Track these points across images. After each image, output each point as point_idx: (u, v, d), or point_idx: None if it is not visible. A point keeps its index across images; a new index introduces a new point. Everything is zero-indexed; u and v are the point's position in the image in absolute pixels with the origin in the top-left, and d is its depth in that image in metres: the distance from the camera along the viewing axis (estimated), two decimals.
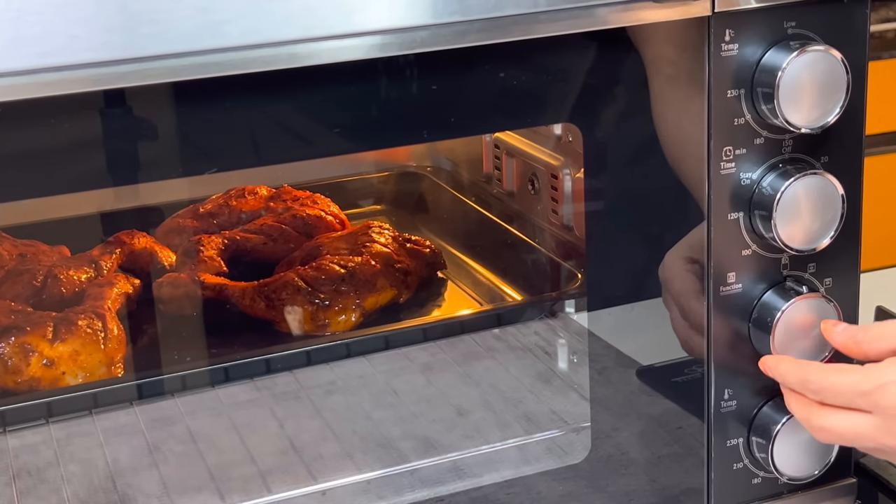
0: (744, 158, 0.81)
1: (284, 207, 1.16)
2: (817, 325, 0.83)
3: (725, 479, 0.88)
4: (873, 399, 0.75)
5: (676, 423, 0.89)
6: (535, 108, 0.82)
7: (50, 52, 0.63)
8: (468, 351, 1.04)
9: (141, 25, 0.65)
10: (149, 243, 1.11)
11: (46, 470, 0.90)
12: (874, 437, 0.75)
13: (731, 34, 0.79)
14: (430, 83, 0.77)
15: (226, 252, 1.11)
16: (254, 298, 1.04)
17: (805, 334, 0.83)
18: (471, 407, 0.98)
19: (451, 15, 0.71)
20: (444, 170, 1.28)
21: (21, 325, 0.96)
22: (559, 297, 1.06)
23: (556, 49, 0.78)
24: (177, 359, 1.01)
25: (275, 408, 0.98)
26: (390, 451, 0.92)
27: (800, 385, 0.79)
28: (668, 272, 0.85)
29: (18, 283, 1.04)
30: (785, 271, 0.85)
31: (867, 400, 0.75)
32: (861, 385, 0.76)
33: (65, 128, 0.71)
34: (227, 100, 0.73)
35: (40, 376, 0.95)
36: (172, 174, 0.76)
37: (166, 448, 0.93)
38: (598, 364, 0.88)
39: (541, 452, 0.92)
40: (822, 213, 0.82)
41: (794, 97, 0.78)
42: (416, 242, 1.13)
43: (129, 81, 0.66)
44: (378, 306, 1.06)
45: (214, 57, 0.67)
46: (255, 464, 0.92)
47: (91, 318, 0.97)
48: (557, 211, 1.09)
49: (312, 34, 0.68)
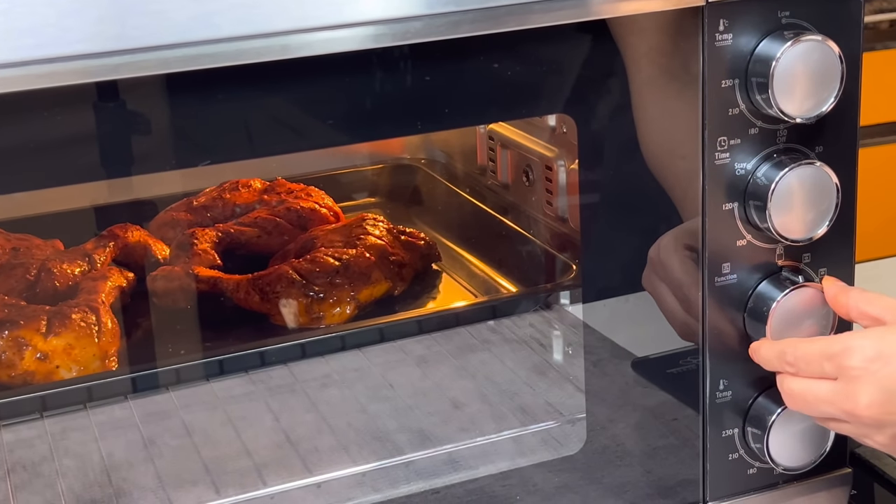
0: (738, 149, 0.81)
1: (278, 200, 1.16)
2: (812, 315, 0.83)
3: (721, 470, 0.88)
4: (838, 362, 0.76)
5: (671, 415, 0.89)
6: (529, 99, 0.82)
7: (42, 44, 0.63)
8: (464, 343, 1.04)
9: (133, 17, 0.64)
10: (142, 237, 1.11)
11: (41, 464, 0.90)
12: (835, 401, 0.77)
13: (725, 24, 0.79)
14: (424, 74, 0.77)
15: (220, 245, 1.11)
16: (248, 291, 1.04)
17: (800, 324, 0.83)
18: (466, 399, 0.98)
19: (445, 5, 0.70)
20: (438, 162, 1.28)
21: (14, 318, 0.96)
22: (554, 289, 1.06)
23: (550, 40, 0.78)
24: (171, 352, 1.00)
25: (270, 401, 0.98)
26: (386, 444, 0.92)
27: (778, 360, 0.81)
28: (666, 258, 0.85)
29: (12, 276, 1.04)
30: (780, 261, 0.85)
31: (833, 364, 0.77)
32: (828, 349, 0.77)
33: (57, 120, 0.71)
34: (221, 92, 0.73)
35: (34, 370, 0.94)
36: (166, 166, 0.76)
37: (161, 442, 0.93)
38: (594, 356, 0.88)
39: (536, 444, 0.92)
40: (817, 203, 0.82)
41: (788, 87, 0.78)
42: (411, 235, 1.13)
43: (122, 73, 0.66)
44: (373, 299, 1.06)
45: (207, 48, 0.67)
46: (250, 457, 0.92)
47: (85, 312, 0.97)
48: (552, 202, 1.08)
49: (305, 25, 0.68)
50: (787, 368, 0.80)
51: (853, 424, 0.77)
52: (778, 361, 0.81)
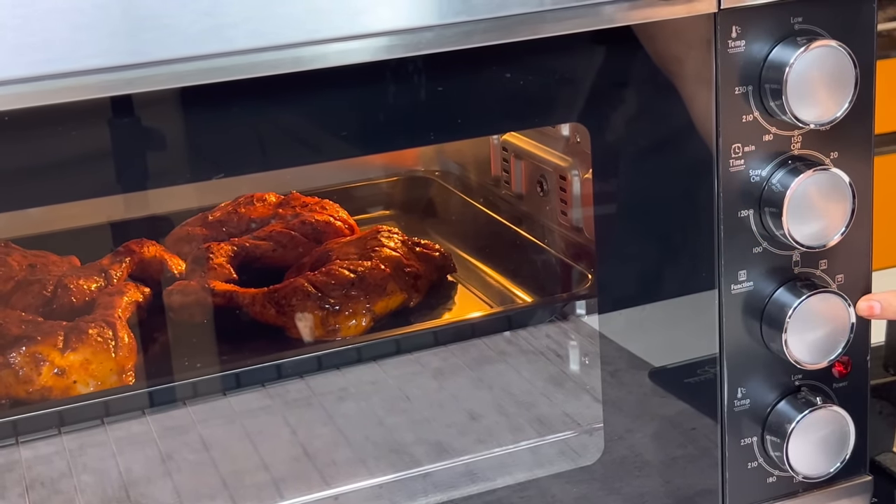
0: (753, 155, 0.81)
1: (293, 214, 1.16)
2: (830, 322, 0.83)
3: (740, 479, 0.88)
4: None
5: (690, 424, 0.88)
6: (542, 109, 0.82)
7: (54, 59, 0.63)
8: (480, 355, 1.04)
9: (145, 31, 0.65)
10: (158, 252, 1.11)
11: (60, 481, 0.90)
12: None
13: (738, 31, 0.78)
14: (437, 85, 0.77)
15: (235, 259, 1.11)
16: (264, 305, 1.04)
17: (817, 331, 0.83)
18: (483, 411, 0.98)
19: (457, 15, 0.70)
20: (452, 173, 1.28)
21: (32, 334, 0.96)
22: (570, 299, 1.06)
23: (562, 49, 0.78)
24: (187, 366, 1.00)
25: (287, 415, 0.98)
26: (403, 457, 0.92)
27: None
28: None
29: (29, 293, 1.04)
30: (796, 268, 0.84)
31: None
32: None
33: (71, 136, 0.71)
34: (235, 105, 0.73)
35: (52, 385, 0.95)
36: (180, 180, 0.76)
37: (179, 457, 0.93)
38: (611, 366, 0.87)
39: (554, 455, 0.92)
40: (833, 209, 0.81)
41: (802, 93, 0.78)
42: (426, 246, 1.13)
43: (135, 87, 0.66)
44: (388, 310, 1.06)
45: (220, 61, 0.67)
46: (268, 471, 0.92)
47: (101, 327, 0.97)
48: (567, 212, 1.08)
49: (317, 37, 0.68)
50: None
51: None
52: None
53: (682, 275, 0.85)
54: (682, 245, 0.85)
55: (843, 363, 0.87)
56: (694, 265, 0.84)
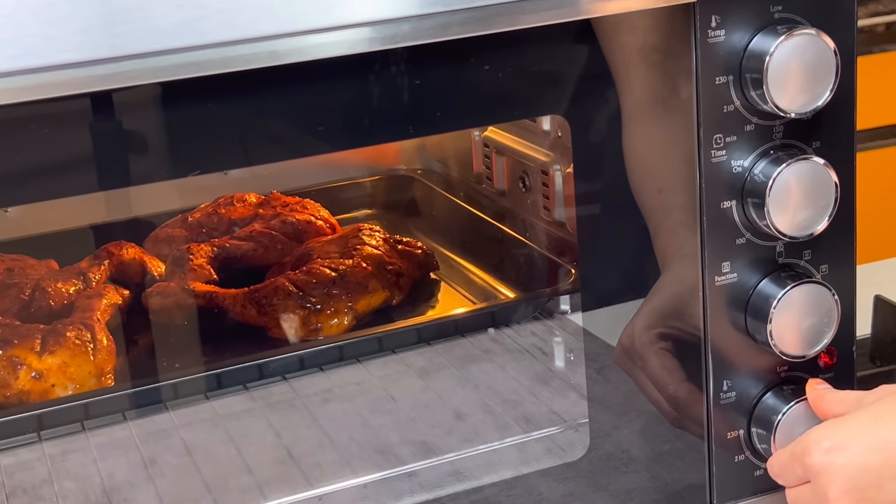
0: (734, 146, 0.81)
1: (274, 214, 1.16)
2: (814, 313, 0.82)
3: (727, 473, 0.87)
4: (802, 462, 0.75)
5: None
6: (522, 102, 0.82)
7: (24, 55, 0.62)
8: (465, 354, 1.03)
9: (116, 24, 0.64)
10: (138, 254, 1.10)
11: (41, 487, 0.89)
12: (813, 503, 0.75)
13: (718, 20, 0.78)
14: (415, 78, 0.76)
15: (216, 260, 1.11)
16: (245, 305, 1.04)
17: (802, 322, 0.82)
18: (469, 410, 0.97)
19: (433, 5, 0.70)
20: (434, 171, 1.27)
21: (8, 338, 0.95)
22: (553, 294, 1.05)
23: (542, 41, 0.78)
24: (167, 367, 1.00)
25: (271, 417, 0.97)
26: (388, 457, 0.92)
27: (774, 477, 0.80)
28: (643, 351, 0.83)
29: (6, 297, 1.03)
30: (780, 259, 0.84)
31: (800, 466, 0.75)
32: (793, 451, 0.76)
33: (45, 133, 0.70)
34: (211, 101, 0.73)
35: (29, 389, 0.94)
36: (155, 177, 0.75)
37: (162, 461, 0.92)
38: (596, 363, 0.87)
39: (540, 452, 0.91)
40: (816, 199, 0.81)
41: (782, 82, 0.78)
42: (408, 244, 1.12)
43: (107, 83, 0.65)
44: (370, 309, 1.05)
45: (194, 55, 0.66)
46: (252, 474, 0.91)
47: (80, 330, 0.96)
48: (549, 208, 1.08)
49: (292, 28, 0.68)
50: (779, 482, 0.79)
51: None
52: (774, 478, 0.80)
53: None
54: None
55: (829, 354, 0.87)
56: None
